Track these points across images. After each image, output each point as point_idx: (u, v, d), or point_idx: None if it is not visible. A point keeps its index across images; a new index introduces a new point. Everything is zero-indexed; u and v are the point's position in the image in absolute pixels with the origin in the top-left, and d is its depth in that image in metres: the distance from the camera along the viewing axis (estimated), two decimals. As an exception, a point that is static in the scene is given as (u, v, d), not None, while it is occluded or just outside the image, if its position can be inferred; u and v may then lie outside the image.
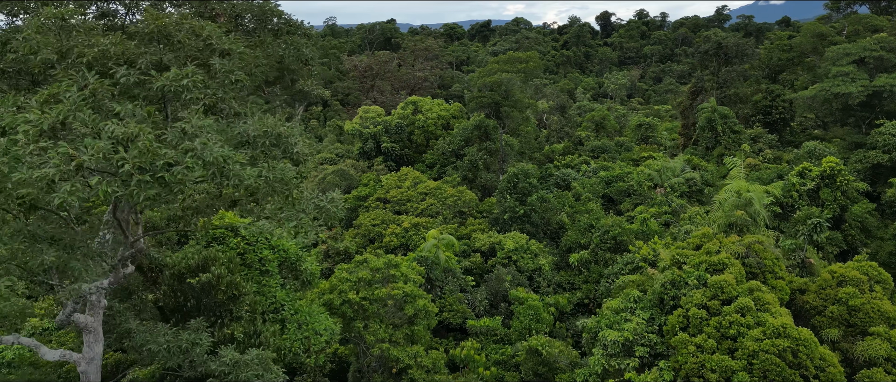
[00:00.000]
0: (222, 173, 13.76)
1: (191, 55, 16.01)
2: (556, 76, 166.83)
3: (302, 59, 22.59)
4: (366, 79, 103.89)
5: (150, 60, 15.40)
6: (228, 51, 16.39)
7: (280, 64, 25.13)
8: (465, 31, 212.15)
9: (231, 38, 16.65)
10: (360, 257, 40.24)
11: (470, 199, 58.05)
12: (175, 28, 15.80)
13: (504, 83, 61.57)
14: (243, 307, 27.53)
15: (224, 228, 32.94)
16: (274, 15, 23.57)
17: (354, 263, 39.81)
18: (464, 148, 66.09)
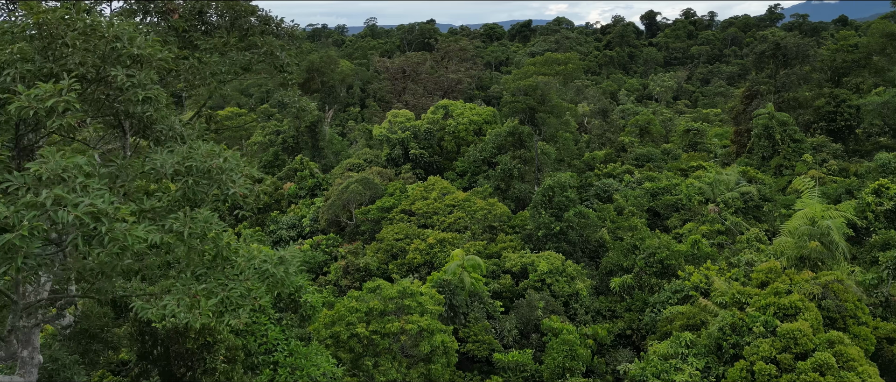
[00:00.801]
0: (90, 236, 9.28)
1: (84, 63, 11.51)
2: (598, 77, 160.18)
3: (276, 65, 17.99)
4: (397, 81, 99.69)
5: (20, 71, 10.95)
6: (140, 57, 11.86)
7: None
8: (504, 31, 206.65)
9: (150, 41, 12.11)
10: (372, 283, 35.70)
11: (501, 212, 53.04)
12: (60, 26, 11.33)
13: (540, 87, 56.36)
14: (219, 356, 23.19)
15: (212, 254, 28.76)
16: (248, 13, 19.04)
17: (366, 289, 35.29)
18: (496, 156, 61.07)
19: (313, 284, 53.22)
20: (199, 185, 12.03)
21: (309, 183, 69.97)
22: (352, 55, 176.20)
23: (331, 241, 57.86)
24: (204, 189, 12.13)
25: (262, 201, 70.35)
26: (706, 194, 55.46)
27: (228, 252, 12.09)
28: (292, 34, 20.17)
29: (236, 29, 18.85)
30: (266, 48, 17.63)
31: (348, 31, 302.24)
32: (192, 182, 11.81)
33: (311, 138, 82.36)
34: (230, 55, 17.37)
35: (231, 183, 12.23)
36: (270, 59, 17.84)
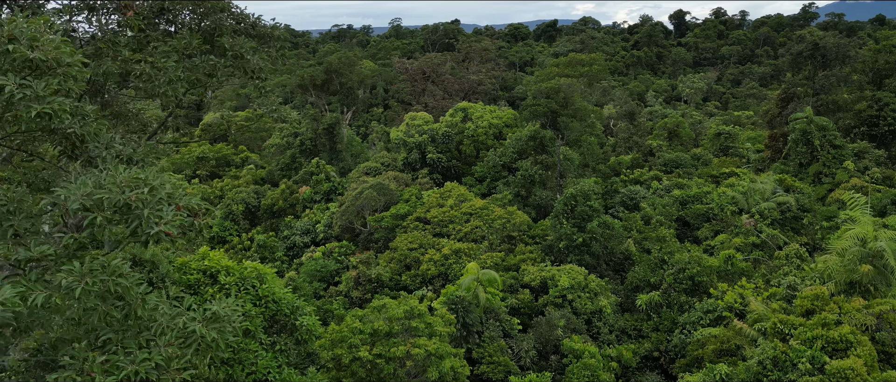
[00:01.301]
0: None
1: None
2: (625, 78, 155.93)
3: (246, 70, 15.42)
4: (417, 82, 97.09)
5: None
6: (37, 62, 9.34)
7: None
8: (530, 31, 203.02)
9: (55, 43, 9.58)
10: (378, 301, 33.12)
11: (521, 221, 50.14)
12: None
13: (562, 89, 53.27)
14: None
15: (199, 272, 26.45)
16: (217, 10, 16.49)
17: (371, 308, 32.70)
18: (517, 161, 58.14)
19: (324, 294, 50.98)
20: (113, 222, 9.46)
21: (324, 187, 67.77)
22: (375, 56, 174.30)
23: (344, 249, 55.49)
24: (118, 228, 9.57)
25: (278, 206, 68.34)
26: (739, 203, 51.92)
27: (144, 311, 9.46)
28: (271, 35, 17.58)
29: (203, 29, 16.34)
30: (233, 51, 15.05)
31: (374, 32, 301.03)
32: (102, 220, 9.25)
33: (329, 141, 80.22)
34: (192, 59, 14.81)
35: (156, 220, 9.62)
36: (239, 63, 15.25)
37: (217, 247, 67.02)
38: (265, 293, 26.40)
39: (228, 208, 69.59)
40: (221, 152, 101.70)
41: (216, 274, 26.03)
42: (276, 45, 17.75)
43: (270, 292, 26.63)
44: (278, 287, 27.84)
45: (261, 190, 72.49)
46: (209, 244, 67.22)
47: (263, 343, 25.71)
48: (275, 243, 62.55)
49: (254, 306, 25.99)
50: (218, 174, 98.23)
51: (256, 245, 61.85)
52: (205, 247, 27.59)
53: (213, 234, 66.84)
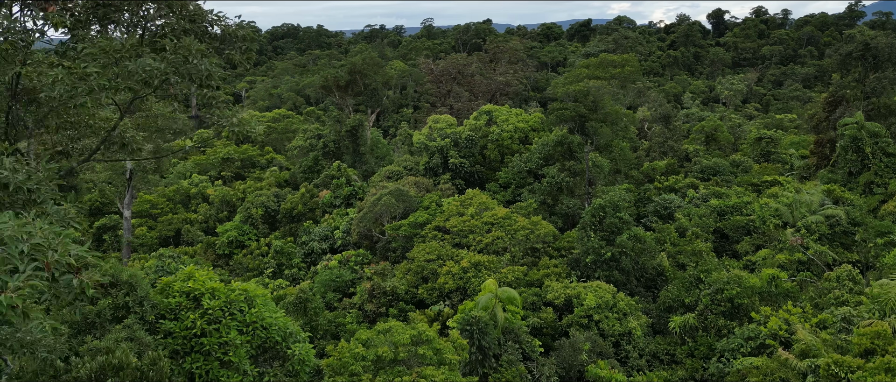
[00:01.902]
0: None
1: None
2: (661, 79, 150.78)
3: (192, 76, 12.71)
4: (442, 84, 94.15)
5: None
6: None
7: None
8: (562, 30, 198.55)
9: None
10: (384, 324, 30.42)
11: (545, 233, 46.92)
12: None
13: (591, 92, 49.82)
14: None
15: (182, 295, 23.99)
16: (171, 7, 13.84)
17: (376, 331, 29.98)
18: (543, 168, 54.90)
19: (338, 305, 48.48)
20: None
21: (344, 192, 65.42)
22: (406, 56, 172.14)
23: (360, 258, 52.96)
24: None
25: (297, 210, 66.21)
26: (783, 216, 47.84)
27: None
28: (236, 35, 14.85)
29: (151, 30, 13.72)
30: (176, 55, 12.35)
31: (406, 32, 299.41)
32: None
33: (353, 143, 77.91)
34: (124, 65, 12.16)
35: None
36: (184, 68, 12.54)
37: (236, 252, 65.26)
38: (253, 319, 23.85)
39: (248, 212, 67.73)
40: (247, 153, 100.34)
41: (200, 297, 23.55)
42: (241, 47, 15.02)
43: (259, 317, 24.08)
44: (270, 311, 25.30)
45: (281, 193, 70.50)
46: (227, 248, 65.52)
47: (249, 373, 23.18)
48: (292, 249, 60.40)
49: (240, 333, 23.48)
50: (243, 176, 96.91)
51: (274, 251, 59.77)
52: (191, 266, 25.17)
53: (231, 238, 65.07)
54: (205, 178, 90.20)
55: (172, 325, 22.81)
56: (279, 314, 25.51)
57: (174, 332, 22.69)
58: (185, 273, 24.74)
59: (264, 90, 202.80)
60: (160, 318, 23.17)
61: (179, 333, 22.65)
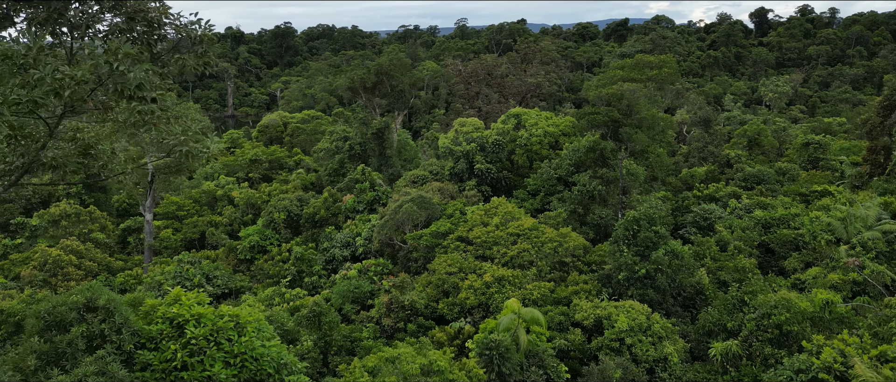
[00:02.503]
0: None
1: None
2: (700, 79, 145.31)
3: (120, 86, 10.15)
4: (470, 85, 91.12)
5: None
6: None
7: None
8: (599, 30, 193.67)
9: None
10: (393, 349, 27.77)
11: (575, 246, 43.73)
12: None
13: (625, 96, 46.36)
14: None
15: (165, 322, 21.68)
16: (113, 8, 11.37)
17: (382, 358, 27.36)
18: (574, 175, 51.65)
19: (356, 318, 46.04)
20: None
21: (368, 196, 63.11)
22: (439, 57, 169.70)
23: (380, 267, 50.51)
24: None
25: (320, 215, 64.13)
26: (836, 231, 43.76)
27: None
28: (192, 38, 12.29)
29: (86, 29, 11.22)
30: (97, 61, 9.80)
31: (440, 32, 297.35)
32: None
33: (379, 146, 75.63)
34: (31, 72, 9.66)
35: None
36: (110, 78, 10.00)
37: (257, 257, 63.48)
38: (242, 349, 21.40)
39: (270, 217, 65.92)
40: (275, 155, 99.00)
41: (184, 324, 21.21)
42: (197, 51, 12.46)
43: (249, 347, 21.62)
44: (264, 338, 22.83)
45: (305, 197, 68.55)
46: (249, 253, 63.80)
47: (234, 412, 20.73)
48: (313, 256, 58.28)
49: (227, 365, 21.06)
50: (270, 177, 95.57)
51: (294, 258, 57.73)
52: (177, 289, 22.85)
53: (253, 243, 63.34)
54: (232, 180, 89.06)
55: (151, 356, 20.52)
56: (273, 341, 23.04)
57: (152, 364, 20.39)
58: (172, 296, 22.46)
59: (298, 90, 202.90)
60: (140, 347, 20.90)
61: (158, 365, 20.33)
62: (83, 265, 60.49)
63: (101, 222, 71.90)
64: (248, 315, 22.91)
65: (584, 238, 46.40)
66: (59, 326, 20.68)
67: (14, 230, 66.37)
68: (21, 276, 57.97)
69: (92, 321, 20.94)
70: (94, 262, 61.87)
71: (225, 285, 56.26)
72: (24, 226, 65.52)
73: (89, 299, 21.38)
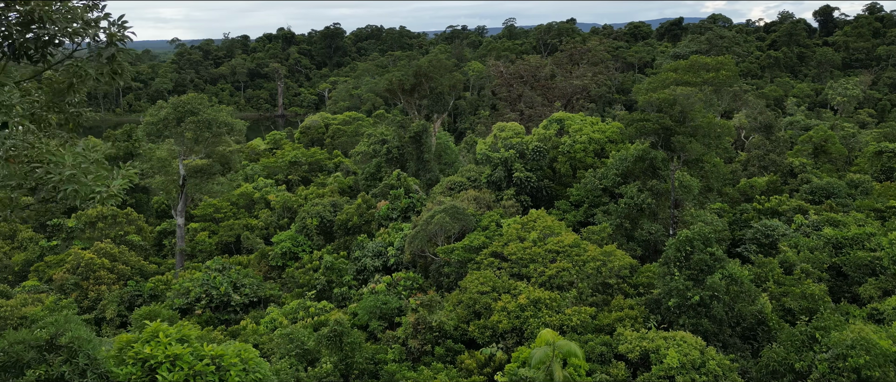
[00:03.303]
0: None
1: None
2: (759, 81, 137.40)
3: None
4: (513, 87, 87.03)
5: None
6: None
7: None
8: (651, 29, 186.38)
9: None
10: (416, 374, 24.36)
11: (621, 265, 39.55)
12: None
13: (679, 101, 41.80)
14: None
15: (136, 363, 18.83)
16: None
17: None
18: (620, 186, 47.36)
19: (382, 337, 42.90)
20: None
21: (402, 203, 60.05)
22: (485, 57, 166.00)
23: (410, 282, 47.33)
24: None
25: (352, 222, 61.42)
26: (922, 255, 38.33)
27: None
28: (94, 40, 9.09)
29: None
30: None
31: (488, 32, 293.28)
32: None
33: (416, 150, 72.52)
34: None
35: None
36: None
37: (289, 264, 61.22)
38: (230, 393, 18.41)
39: (303, 223, 63.56)
40: (315, 157, 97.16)
41: (157, 368, 18.31)
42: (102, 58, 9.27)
43: (239, 389, 18.63)
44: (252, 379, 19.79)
45: (339, 203, 65.98)
46: (281, 260, 61.61)
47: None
48: (344, 265, 55.56)
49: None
50: (309, 180, 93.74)
51: (324, 267, 55.12)
52: (156, 323, 19.98)
53: (285, 249, 61.10)
54: (270, 182, 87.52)
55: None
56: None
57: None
58: (149, 332, 19.63)
59: (345, 91, 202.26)
60: (108, 392, 18.12)
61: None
62: (116, 269, 59.35)
63: (138, 224, 71.05)
64: (234, 355, 19.91)
65: (630, 256, 42.12)
66: (14, 367, 18.07)
67: (51, 232, 65.95)
68: (53, 279, 57.23)
69: (53, 361, 18.28)
70: (128, 266, 60.74)
71: (254, 293, 54.09)
72: (61, 227, 64.99)
73: (52, 335, 18.71)
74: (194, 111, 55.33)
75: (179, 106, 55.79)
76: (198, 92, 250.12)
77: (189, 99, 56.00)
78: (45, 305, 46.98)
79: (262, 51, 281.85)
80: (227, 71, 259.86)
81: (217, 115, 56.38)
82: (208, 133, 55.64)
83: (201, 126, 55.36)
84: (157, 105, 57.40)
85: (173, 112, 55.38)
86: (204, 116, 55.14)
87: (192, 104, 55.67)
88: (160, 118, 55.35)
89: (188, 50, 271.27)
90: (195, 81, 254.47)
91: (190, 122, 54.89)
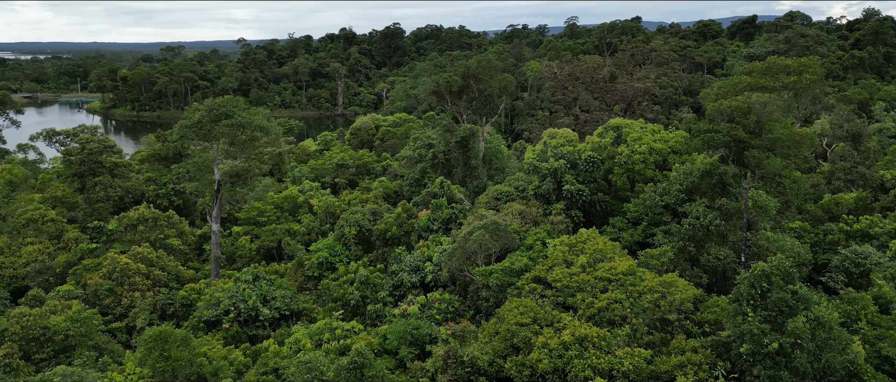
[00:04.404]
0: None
1: None
2: (841, 83, 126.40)
3: None
4: (567, 90, 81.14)
5: None
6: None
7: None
8: (722, 28, 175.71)
9: None
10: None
11: (682, 299, 34.03)
12: None
13: (754, 110, 35.70)
14: None
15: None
16: None
17: None
18: (685, 203, 41.61)
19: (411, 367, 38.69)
20: None
21: (443, 214, 55.76)
22: (544, 57, 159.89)
23: (445, 304, 42.98)
24: None
25: (391, 233, 57.55)
26: None
27: None
28: None
29: None
30: None
31: (549, 31, 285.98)
32: None
33: (463, 156, 68.12)
34: None
35: None
36: None
37: (326, 275, 57.93)
38: None
39: (341, 231, 60.13)
40: (362, 160, 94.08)
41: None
42: None
43: None
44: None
45: (379, 211, 62.23)
46: (317, 270, 58.40)
47: None
48: (379, 280, 51.76)
49: None
50: (356, 183, 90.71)
51: (358, 281, 51.42)
52: None
53: (322, 259, 57.82)
54: (316, 185, 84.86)
55: None
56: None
57: None
58: None
59: (402, 91, 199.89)
60: None
61: None
62: (152, 275, 57.48)
63: (180, 227, 69.40)
64: None
65: (694, 286, 36.46)
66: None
67: (93, 234, 64.87)
68: (87, 284, 55.79)
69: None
70: (164, 271, 58.85)
71: (286, 306, 50.94)
72: (101, 229, 63.77)
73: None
74: (228, 114, 52.54)
75: (214, 109, 53.14)
76: (261, 91, 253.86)
77: (224, 102, 53.31)
78: (67, 315, 45.00)
79: (324, 51, 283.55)
80: (289, 70, 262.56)
81: (252, 118, 53.45)
82: (243, 137, 52.75)
83: (235, 129, 52.49)
84: (192, 107, 54.96)
85: (208, 115, 52.75)
86: (238, 119, 52.28)
87: (227, 107, 52.92)
88: (194, 121, 52.84)
89: (253, 50, 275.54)
90: (259, 81, 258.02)
91: (224, 125, 52.12)
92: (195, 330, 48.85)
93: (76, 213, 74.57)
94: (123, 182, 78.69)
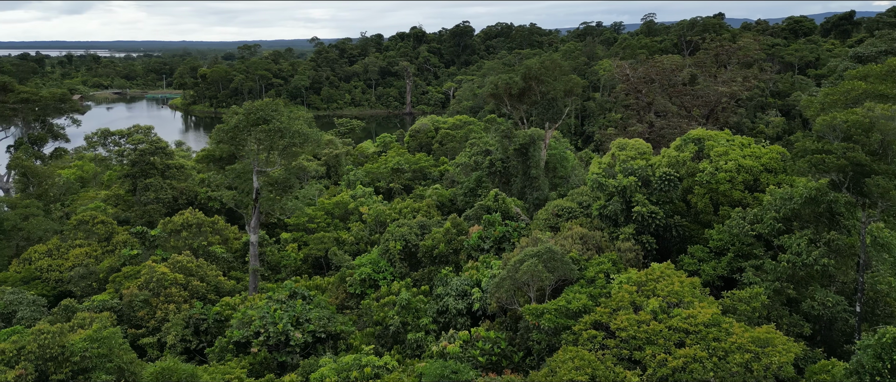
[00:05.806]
0: None
1: None
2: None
3: None
4: (641, 94, 73.10)
5: None
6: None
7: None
8: (815, 25, 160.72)
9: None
10: None
11: (783, 361, 26.88)
12: None
13: (877, 126, 27.90)
14: None
15: None
16: None
17: None
18: (782, 234, 34.08)
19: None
20: None
21: (496, 232, 49.84)
22: (620, 56, 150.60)
23: (490, 344, 37.10)
24: None
25: (438, 251, 52.12)
26: None
27: None
28: None
29: None
30: None
31: (625, 29, 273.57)
32: None
33: (522, 164, 61.83)
34: None
35: None
36: None
37: (368, 292, 53.22)
38: None
39: (386, 245, 55.20)
40: (419, 164, 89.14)
41: None
42: None
43: None
44: None
45: (427, 224, 56.91)
46: (360, 287, 53.76)
47: None
48: (422, 304, 46.38)
49: None
50: (411, 188, 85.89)
51: (399, 305, 46.23)
52: None
53: (364, 275, 53.10)
54: (369, 190, 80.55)
55: None
56: None
57: None
58: None
59: (470, 90, 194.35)
60: None
61: None
62: (190, 286, 54.31)
63: (224, 233, 66.51)
64: None
65: (794, 341, 29.17)
66: None
67: (137, 239, 62.59)
68: (124, 294, 53.27)
69: None
70: (203, 282, 55.62)
71: (323, 328, 46.23)
72: (144, 235, 61.35)
73: None
74: (266, 119, 48.39)
75: (252, 113, 49.16)
76: (332, 89, 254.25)
77: (262, 105, 49.25)
78: (85, 334, 41.91)
79: (394, 49, 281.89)
80: (360, 69, 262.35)
81: (292, 124, 49.11)
82: (282, 143, 48.46)
83: (273, 135, 48.28)
84: (231, 110, 51.20)
85: (245, 119, 48.82)
86: (276, 124, 48.01)
87: (265, 111, 48.82)
88: (231, 126, 48.99)
89: (325, 48, 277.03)
90: (330, 79, 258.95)
91: (261, 131, 48.02)
92: (223, 353, 45.02)
93: (131, 213, 73.08)
94: (178, 183, 76.80)
